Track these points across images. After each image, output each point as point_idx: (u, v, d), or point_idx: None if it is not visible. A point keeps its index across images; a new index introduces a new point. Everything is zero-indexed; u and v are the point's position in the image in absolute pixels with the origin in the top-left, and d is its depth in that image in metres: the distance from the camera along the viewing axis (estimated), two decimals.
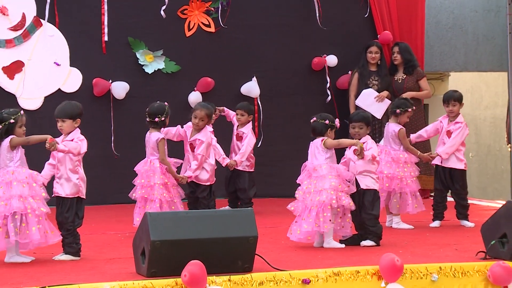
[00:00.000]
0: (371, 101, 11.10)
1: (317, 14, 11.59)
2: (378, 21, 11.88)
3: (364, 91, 11.23)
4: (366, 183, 7.69)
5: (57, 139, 6.91)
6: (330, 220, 7.45)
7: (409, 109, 8.85)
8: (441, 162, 8.99)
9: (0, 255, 6.91)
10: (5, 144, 6.85)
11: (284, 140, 11.62)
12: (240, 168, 9.82)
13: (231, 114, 10.03)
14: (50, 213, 6.91)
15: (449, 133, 8.99)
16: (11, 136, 6.85)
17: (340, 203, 7.48)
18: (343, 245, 7.62)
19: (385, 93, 11.18)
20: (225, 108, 10.07)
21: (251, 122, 10.00)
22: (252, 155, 9.99)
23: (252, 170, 9.97)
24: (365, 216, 7.66)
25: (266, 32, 11.54)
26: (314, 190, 7.53)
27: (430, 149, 10.66)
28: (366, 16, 11.85)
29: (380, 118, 11.11)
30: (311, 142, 7.76)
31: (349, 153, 7.86)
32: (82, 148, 6.99)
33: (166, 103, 8.44)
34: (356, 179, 7.68)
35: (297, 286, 6.07)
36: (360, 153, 7.47)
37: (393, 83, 11.47)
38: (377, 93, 11.15)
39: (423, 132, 9.30)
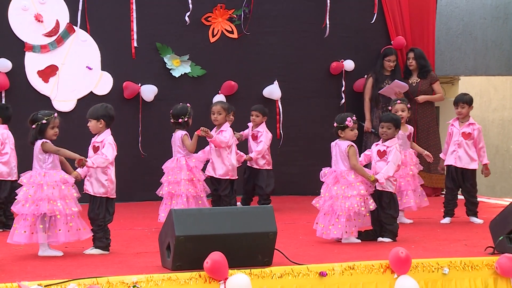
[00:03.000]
0: (392, 90, 10.96)
1: (327, 22, 11.54)
2: (391, 27, 11.83)
3: (396, 80, 11.03)
4: (384, 185, 7.61)
5: (90, 155, 6.94)
6: (355, 226, 7.44)
7: (390, 107, 8.84)
8: (455, 163, 8.89)
9: (33, 249, 6.91)
10: (37, 146, 6.84)
11: (303, 140, 11.58)
12: (257, 166, 9.77)
13: (245, 133, 10.00)
14: (81, 211, 6.91)
15: (464, 135, 8.87)
16: (45, 140, 6.83)
17: (368, 208, 7.44)
18: (359, 241, 7.55)
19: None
20: (242, 133, 9.92)
21: (264, 122, 9.95)
22: (269, 153, 9.92)
23: (270, 168, 9.90)
24: (383, 215, 7.60)
25: (286, 38, 11.50)
26: (343, 196, 7.44)
27: (441, 150, 10.56)
28: (375, 22, 11.77)
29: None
30: (331, 142, 7.69)
31: (373, 151, 7.79)
32: (109, 158, 6.95)
33: (188, 105, 8.45)
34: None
35: (314, 279, 6.04)
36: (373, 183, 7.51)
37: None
38: (406, 85, 10.97)
39: (446, 147, 9.13)
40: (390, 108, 8.91)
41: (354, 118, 7.62)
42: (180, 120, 8.37)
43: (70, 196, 6.84)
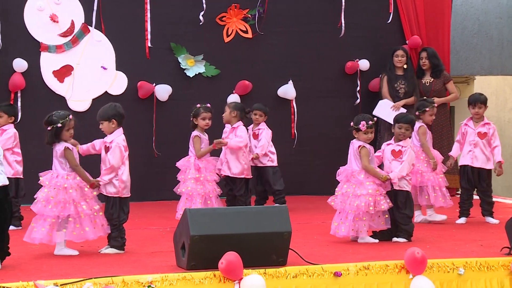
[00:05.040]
0: (388, 111, 11.00)
1: (342, 21, 11.53)
2: (406, 27, 11.81)
3: (380, 101, 11.19)
4: (399, 184, 7.60)
5: (98, 141, 6.97)
6: (364, 225, 7.44)
7: (427, 108, 8.84)
8: (471, 163, 8.87)
9: (49, 248, 6.94)
10: (58, 150, 6.87)
11: (317, 140, 11.57)
12: (261, 165, 9.75)
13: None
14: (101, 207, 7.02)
15: (480, 134, 8.85)
16: (66, 146, 6.84)
17: (379, 207, 7.43)
18: (376, 240, 7.54)
19: (401, 102, 11.08)
20: (257, 153, 9.69)
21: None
22: (273, 150, 9.86)
23: (275, 165, 9.84)
24: (398, 214, 7.58)
25: (301, 38, 11.49)
26: (353, 194, 7.47)
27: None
28: (391, 22, 11.75)
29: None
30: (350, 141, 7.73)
31: (386, 151, 7.79)
32: (114, 165, 6.97)
33: (198, 105, 8.50)
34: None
35: (329, 279, 6.04)
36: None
37: (420, 86, 11.38)
38: (392, 103, 11.07)
39: (457, 146, 9.12)
40: (427, 109, 8.83)
41: (370, 122, 7.59)
42: (192, 119, 8.47)
43: (90, 195, 6.91)
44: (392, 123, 10.47)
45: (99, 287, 5.46)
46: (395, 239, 7.58)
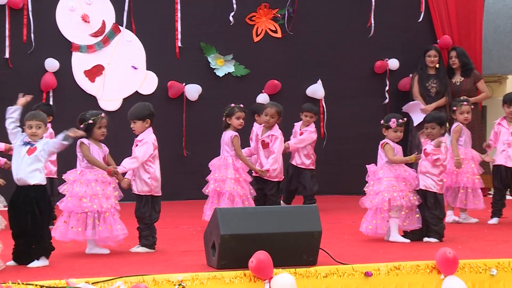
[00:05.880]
0: (417, 112, 10.94)
1: (372, 21, 11.49)
2: (437, 26, 11.74)
3: (411, 102, 11.11)
4: (426, 184, 7.56)
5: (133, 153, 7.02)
6: (387, 221, 7.44)
7: (454, 107, 8.79)
8: (505, 163, 8.79)
9: (81, 246, 6.99)
10: (77, 145, 6.92)
11: (347, 139, 11.54)
12: (302, 166, 9.73)
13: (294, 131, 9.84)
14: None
15: None
16: (81, 141, 6.86)
17: (394, 203, 7.40)
18: (407, 240, 7.49)
19: (431, 106, 11.00)
20: (289, 143, 9.59)
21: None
22: (314, 153, 9.85)
23: (313, 168, 9.83)
24: (428, 215, 7.54)
25: (330, 37, 11.47)
26: (373, 192, 7.52)
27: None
28: (422, 21, 11.69)
29: (415, 125, 10.98)
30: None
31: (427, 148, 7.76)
32: (138, 157, 6.97)
33: (232, 104, 8.47)
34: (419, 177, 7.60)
35: (360, 279, 6.00)
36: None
37: (451, 85, 11.30)
38: (423, 105, 11.01)
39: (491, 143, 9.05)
40: (455, 109, 8.81)
41: (400, 120, 7.60)
42: (225, 119, 8.43)
43: (111, 194, 6.93)
44: (414, 121, 10.44)
45: (130, 286, 5.47)
46: (426, 239, 7.53)
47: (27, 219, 6.21)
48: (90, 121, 6.88)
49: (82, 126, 6.88)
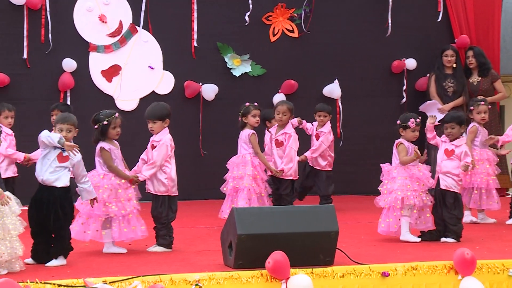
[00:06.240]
0: (434, 112, 10.89)
1: (389, 21, 11.46)
2: (455, 25, 11.69)
3: (429, 101, 11.06)
4: (447, 183, 7.53)
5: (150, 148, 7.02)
6: (399, 220, 7.44)
7: (471, 107, 8.78)
8: None
9: (98, 246, 7.01)
10: (96, 150, 6.94)
11: (363, 139, 11.51)
12: (318, 167, 9.70)
13: (309, 127, 9.70)
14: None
15: None
16: (102, 147, 6.88)
17: (407, 201, 7.39)
18: (418, 239, 7.47)
19: (448, 106, 10.94)
20: (304, 121, 9.58)
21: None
22: (332, 154, 9.81)
23: (329, 169, 9.77)
24: (446, 215, 7.51)
25: (347, 37, 11.45)
26: (387, 190, 7.55)
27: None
28: (439, 20, 11.65)
29: None
30: None
31: (441, 149, 7.72)
32: (157, 161, 6.99)
33: (247, 104, 8.49)
34: (438, 177, 7.56)
35: (377, 279, 6.00)
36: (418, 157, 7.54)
37: (468, 85, 11.25)
38: (440, 105, 10.97)
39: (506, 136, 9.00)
40: (472, 108, 8.79)
41: (418, 120, 7.59)
42: (241, 118, 8.46)
43: (125, 197, 6.95)
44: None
45: (147, 285, 5.49)
46: (443, 239, 7.50)
47: (50, 218, 6.24)
48: (105, 122, 6.88)
49: (96, 127, 6.89)
